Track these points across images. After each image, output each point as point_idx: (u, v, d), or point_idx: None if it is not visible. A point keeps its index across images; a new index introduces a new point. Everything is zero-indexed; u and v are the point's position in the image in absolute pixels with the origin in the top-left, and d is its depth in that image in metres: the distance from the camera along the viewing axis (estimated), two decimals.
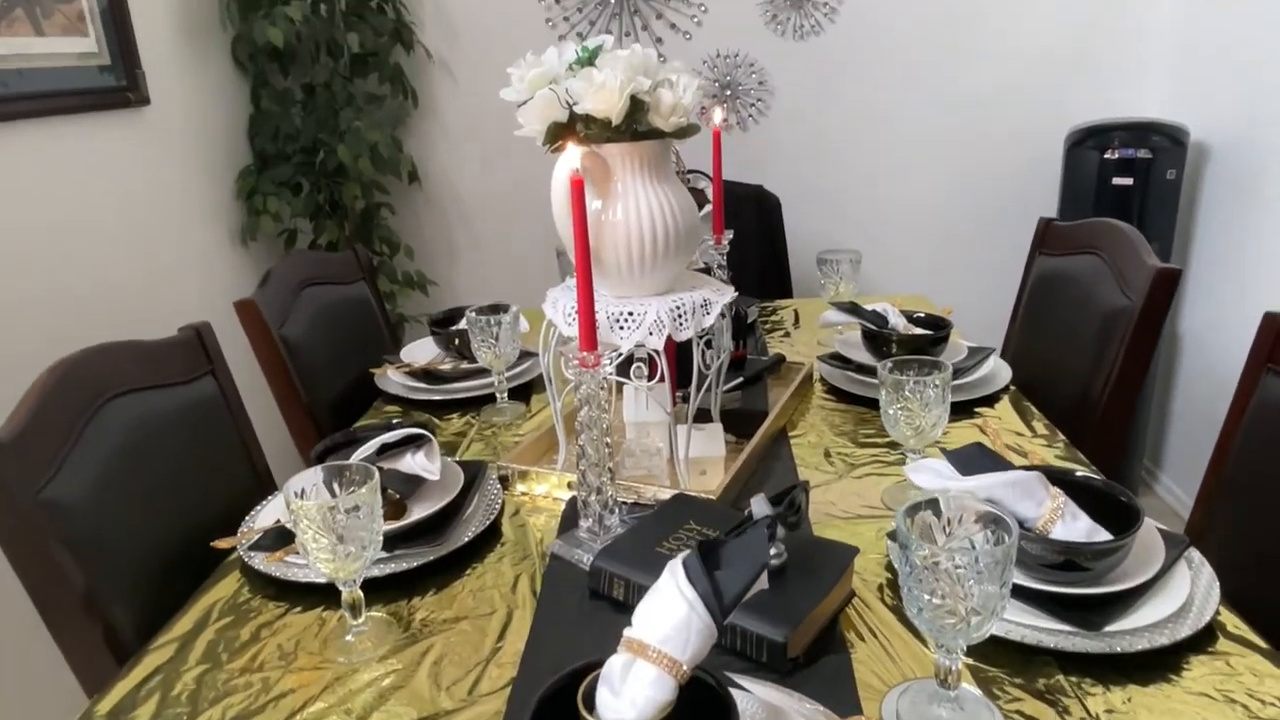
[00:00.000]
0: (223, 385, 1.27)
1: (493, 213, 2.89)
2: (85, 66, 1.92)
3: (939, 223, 2.83)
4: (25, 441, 0.91)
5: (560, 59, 1.11)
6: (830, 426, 1.38)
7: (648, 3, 2.67)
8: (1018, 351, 1.73)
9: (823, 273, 1.84)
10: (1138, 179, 2.39)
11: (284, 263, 1.64)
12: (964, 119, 2.73)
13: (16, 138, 1.73)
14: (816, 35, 2.68)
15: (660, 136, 1.09)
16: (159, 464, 1.11)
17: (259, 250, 2.61)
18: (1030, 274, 1.77)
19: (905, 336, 1.48)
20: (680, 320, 1.11)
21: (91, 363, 1.05)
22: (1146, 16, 2.59)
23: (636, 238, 1.08)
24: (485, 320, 1.42)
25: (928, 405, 1.08)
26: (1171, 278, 1.34)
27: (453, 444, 1.38)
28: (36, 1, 1.78)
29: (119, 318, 1.99)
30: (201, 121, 2.36)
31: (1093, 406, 1.45)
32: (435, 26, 2.72)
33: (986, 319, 2.42)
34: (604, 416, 1.00)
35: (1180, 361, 2.58)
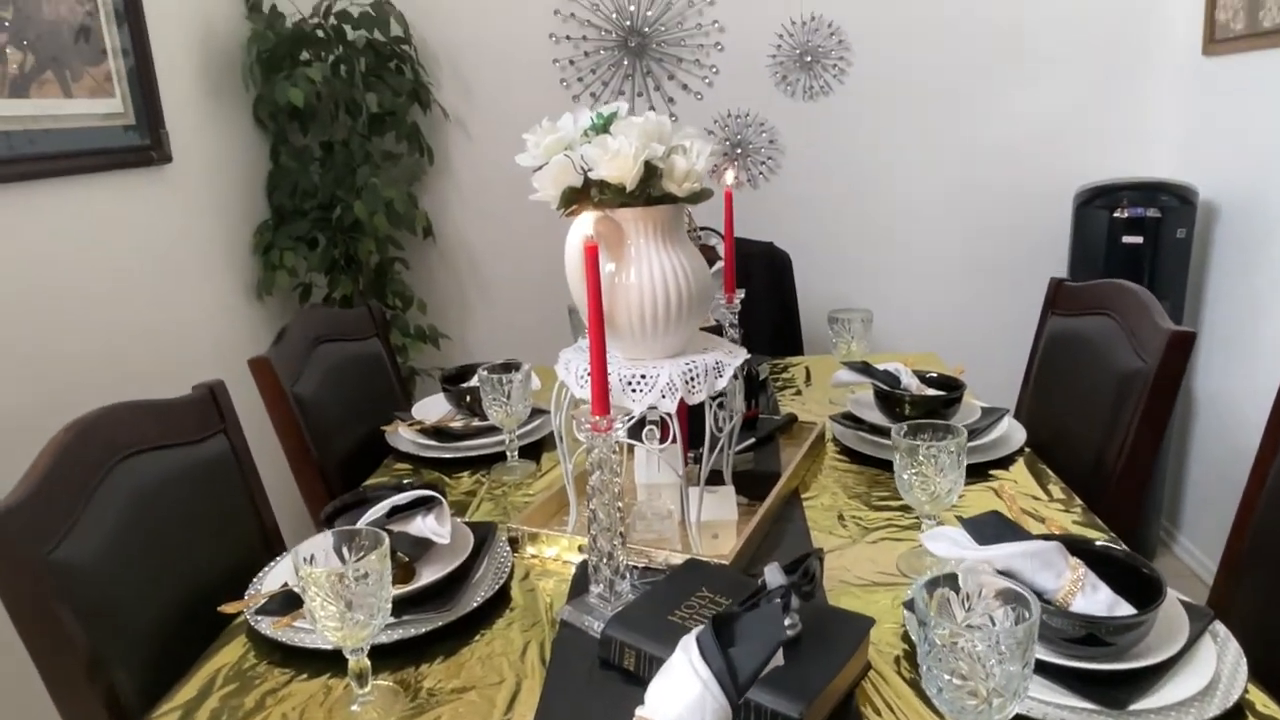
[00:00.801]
0: (234, 444, 1.27)
1: (505, 268, 2.91)
2: (110, 126, 1.96)
3: (949, 280, 2.84)
4: (38, 502, 0.90)
5: (575, 125, 1.13)
6: (843, 488, 1.36)
7: (660, 64, 2.73)
8: (1031, 412, 1.72)
9: (834, 331, 1.84)
10: (1147, 237, 2.40)
11: (299, 319, 1.65)
12: (973, 177, 2.75)
13: (42, 195, 1.77)
14: (826, 95, 2.73)
15: (674, 201, 1.10)
16: (169, 525, 1.10)
17: (274, 304, 2.63)
18: (1042, 334, 1.76)
19: (918, 397, 1.47)
20: (692, 383, 1.11)
21: (106, 422, 1.05)
22: (1153, 77, 2.63)
23: (649, 301, 1.09)
24: (497, 379, 1.43)
25: (943, 470, 1.07)
26: (1186, 341, 1.34)
27: (463, 503, 1.37)
28: (67, 64, 1.84)
29: (136, 370, 2.00)
30: (221, 178, 2.40)
31: (1109, 470, 1.44)
32: (452, 86, 2.78)
33: (998, 378, 2.41)
34: (616, 481, 0.99)
35: (1196, 420, 2.55)
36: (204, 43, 2.34)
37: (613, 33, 2.71)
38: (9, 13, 1.69)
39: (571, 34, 2.71)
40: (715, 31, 2.69)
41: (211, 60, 2.38)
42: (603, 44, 2.72)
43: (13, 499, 0.88)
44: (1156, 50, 2.61)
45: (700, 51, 2.71)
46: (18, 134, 1.69)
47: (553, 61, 2.73)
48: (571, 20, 2.70)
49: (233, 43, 2.47)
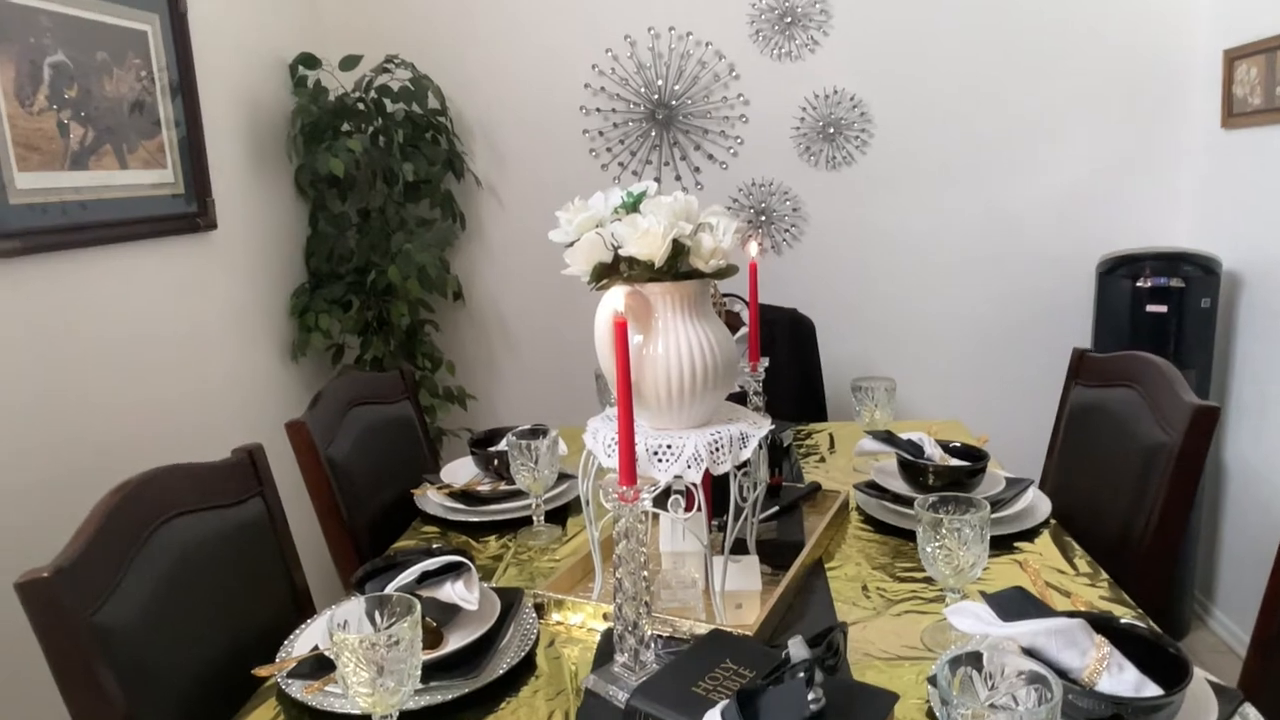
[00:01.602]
0: (270, 506, 1.31)
1: (532, 330, 2.97)
2: (161, 195, 2.05)
3: (973, 347, 2.85)
4: (85, 565, 0.94)
5: (606, 203, 1.18)
6: (867, 559, 1.37)
7: (687, 135, 2.81)
8: (1056, 484, 1.71)
9: (857, 399, 1.86)
10: (1172, 306, 2.40)
11: (334, 383, 1.70)
12: (995, 245, 2.79)
13: (95, 261, 1.85)
14: (849, 165, 2.79)
15: (700, 277, 1.14)
16: (206, 587, 1.13)
17: (308, 364, 2.70)
18: (1066, 404, 1.77)
19: (941, 468, 1.48)
20: (717, 454, 1.13)
21: (152, 486, 1.09)
22: (1173, 149, 2.67)
23: (676, 372, 1.12)
24: (525, 444, 1.45)
25: (966, 544, 1.08)
26: (1210, 416, 1.34)
27: (489, 568, 1.39)
28: (123, 137, 1.94)
29: (177, 427, 2.06)
30: (262, 243, 2.49)
31: (1136, 543, 1.43)
32: (485, 155, 2.88)
33: (1023, 446, 2.41)
34: (642, 550, 1.01)
35: (1227, 491, 2.52)
36: (251, 115, 2.46)
37: (641, 105, 2.80)
38: (74, 91, 1.79)
39: (601, 106, 2.80)
40: (740, 104, 2.78)
41: (257, 131, 2.48)
42: (631, 116, 2.81)
43: (63, 560, 0.92)
44: (1176, 123, 2.66)
45: (725, 123, 2.79)
46: (74, 204, 1.78)
47: (583, 132, 2.83)
48: (601, 93, 2.80)
49: (278, 115, 2.58)
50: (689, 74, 2.77)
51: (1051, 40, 2.65)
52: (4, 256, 1.61)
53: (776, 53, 2.74)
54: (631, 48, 2.77)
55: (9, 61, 1.63)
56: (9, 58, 1.63)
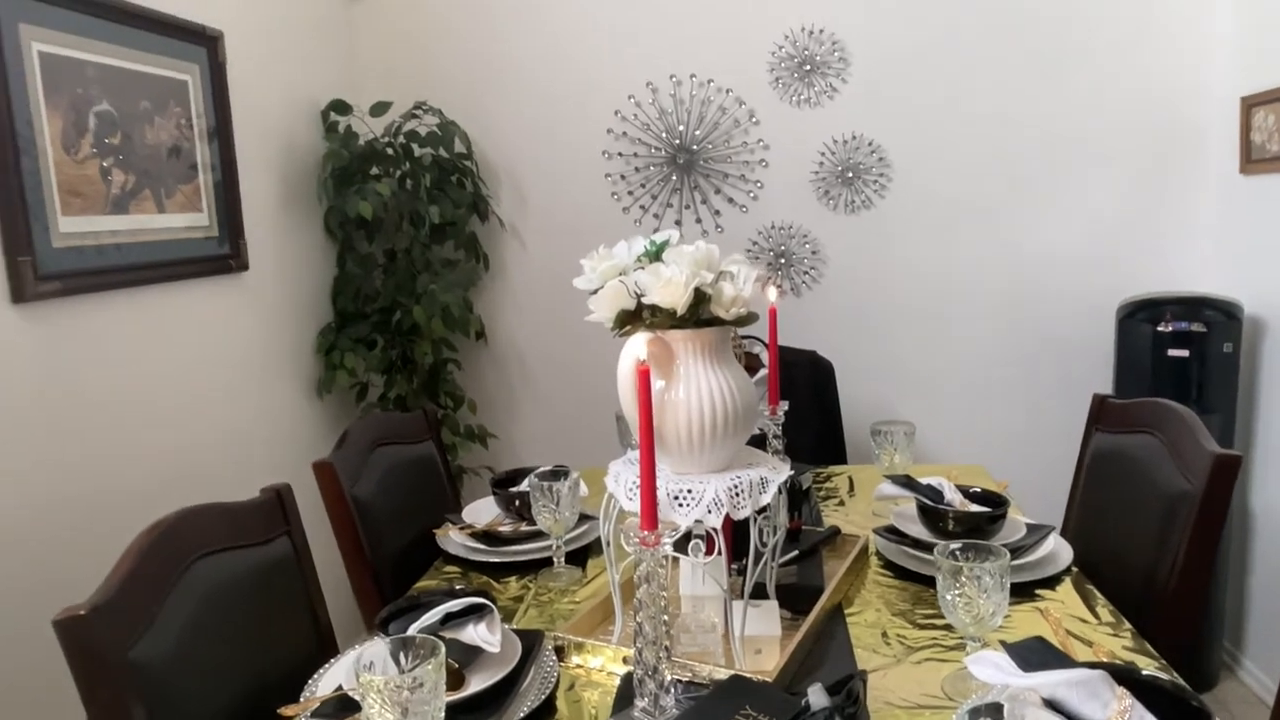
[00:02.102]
0: (296, 545, 1.33)
1: (553, 370, 3.00)
2: (195, 238, 2.12)
3: (993, 391, 2.85)
4: (120, 603, 0.96)
5: (630, 252, 1.21)
6: (887, 604, 1.37)
7: (707, 179, 2.86)
8: (1078, 530, 1.71)
9: (876, 443, 1.87)
10: (1194, 351, 2.40)
11: (359, 423, 1.73)
12: (1014, 289, 2.80)
13: (130, 302, 1.90)
14: (867, 209, 2.82)
15: (721, 324, 1.17)
16: (234, 625, 1.15)
17: (333, 401, 2.74)
18: (1087, 450, 1.77)
19: (961, 514, 1.48)
20: (738, 498, 1.15)
21: (186, 524, 1.12)
22: (1192, 194, 2.68)
23: (697, 418, 1.14)
24: (546, 486, 1.47)
25: (986, 592, 1.08)
26: (1232, 465, 1.34)
27: (510, 610, 1.40)
28: (162, 183, 2.00)
29: (204, 464, 2.10)
30: (291, 284, 2.55)
31: (1160, 592, 1.42)
32: (509, 198, 2.94)
33: (1043, 490, 2.39)
34: (663, 595, 1.02)
35: (1254, 538, 2.49)
36: (284, 159, 2.53)
37: (662, 150, 2.85)
38: (117, 138, 1.86)
39: (623, 151, 2.86)
40: (760, 149, 2.82)
41: (289, 175, 2.56)
42: (653, 160, 2.86)
43: (99, 598, 0.94)
44: (1195, 168, 2.67)
45: (745, 168, 2.84)
46: (111, 246, 1.84)
47: (605, 176, 2.88)
48: (624, 138, 2.86)
49: (310, 159, 2.66)
50: (710, 119, 2.82)
51: (1070, 86, 2.69)
52: (44, 298, 1.66)
53: (796, 99, 2.79)
54: (653, 94, 2.83)
55: (58, 112, 1.70)
56: (58, 108, 1.70)
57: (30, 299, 1.62)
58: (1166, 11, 2.62)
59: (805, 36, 2.75)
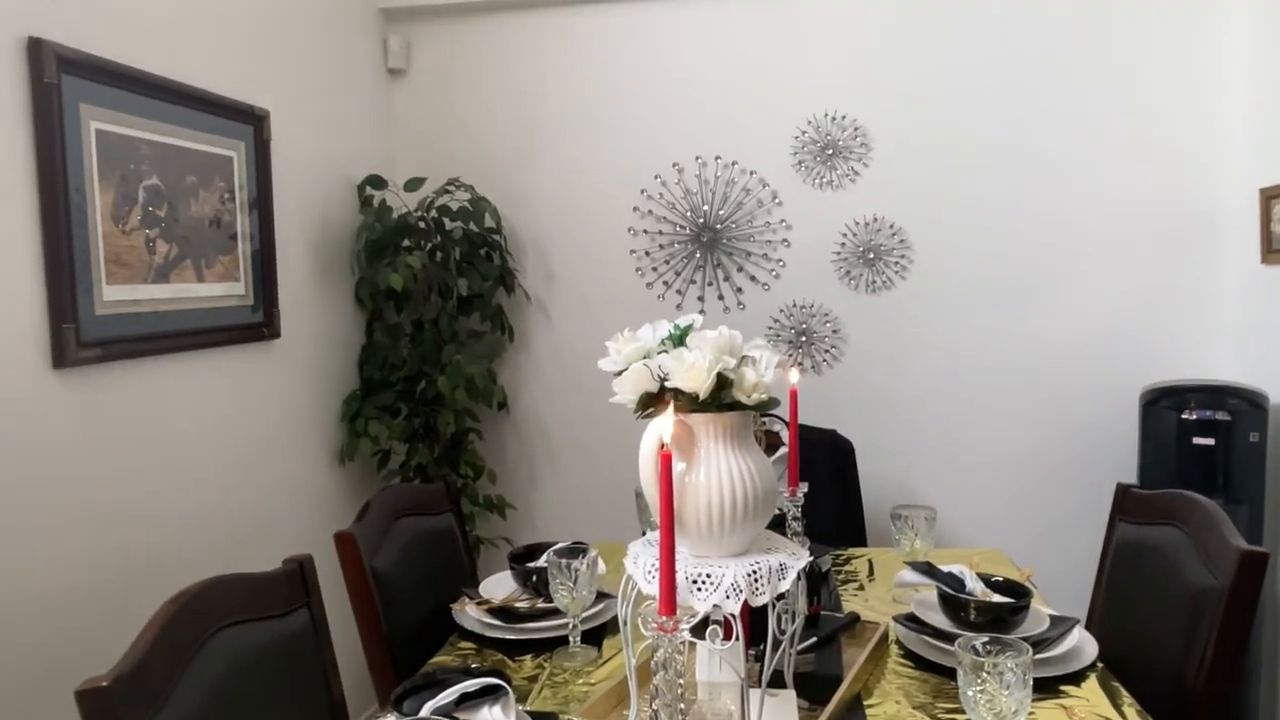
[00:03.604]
0: (315, 617, 1.34)
1: (574, 443, 3.01)
2: (230, 306, 2.18)
3: (1015, 474, 2.82)
4: (142, 673, 0.97)
5: (654, 335, 1.24)
6: (907, 696, 1.34)
7: (730, 257, 2.91)
8: (1103, 623, 1.67)
9: (896, 528, 1.85)
10: (1219, 440, 2.37)
11: (382, 494, 1.75)
12: (1037, 373, 2.80)
13: (166, 368, 1.95)
14: (888, 289, 2.85)
15: (742, 409, 1.18)
16: (251, 697, 1.15)
17: (355, 469, 2.76)
18: (1111, 541, 1.74)
19: (984, 604, 1.46)
20: (757, 584, 1.14)
21: (209, 595, 1.13)
22: (1214, 282, 2.69)
23: (717, 502, 1.14)
24: (564, 563, 1.47)
25: (1008, 688, 1.06)
26: (1259, 562, 1.32)
27: (524, 690, 1.39)
28: (203, 253, 2.07)
29: (229, 530, 2.13)
30: (320, 352, 2.60)
31: (1188, 690, 1.38)
32: (535, 271, 3.00)
33: (1067, 579, 2.36)
34: (680, 682, 1.01)
35: None
36: (320, 230, 2.61)
37: (686, 228, 2.92)
38: (163, 211, 1.93)
39: (649, 228, 2.93)
40: (782, 229, 2.88)
41: (324, 246, 2.64)
42: (677, 238, 2.92)
43: (122, 669, 0.95)
44: (1216, 257, 2.69)
45: (768, 246, 2.89)
46: (151, 314, 1.90)
47: (629, 252, 2.94)
48: (649, 216, 2.93)
49: (344, 231, 2.74)
50: (733, 200, 2.89)
51: (1090, 175, 2.73)
52: (85, 364, 1.71)
53: (818, 181, 2.85)
54: (679, 174, 2.91)
55: (110, 185, 1.78)
56: (110, 182, 1.78)
57: (71, 364, 1.67)
58: (1184, 104, 2.67)
59: (828, 122, 2.83)
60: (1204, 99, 2.67)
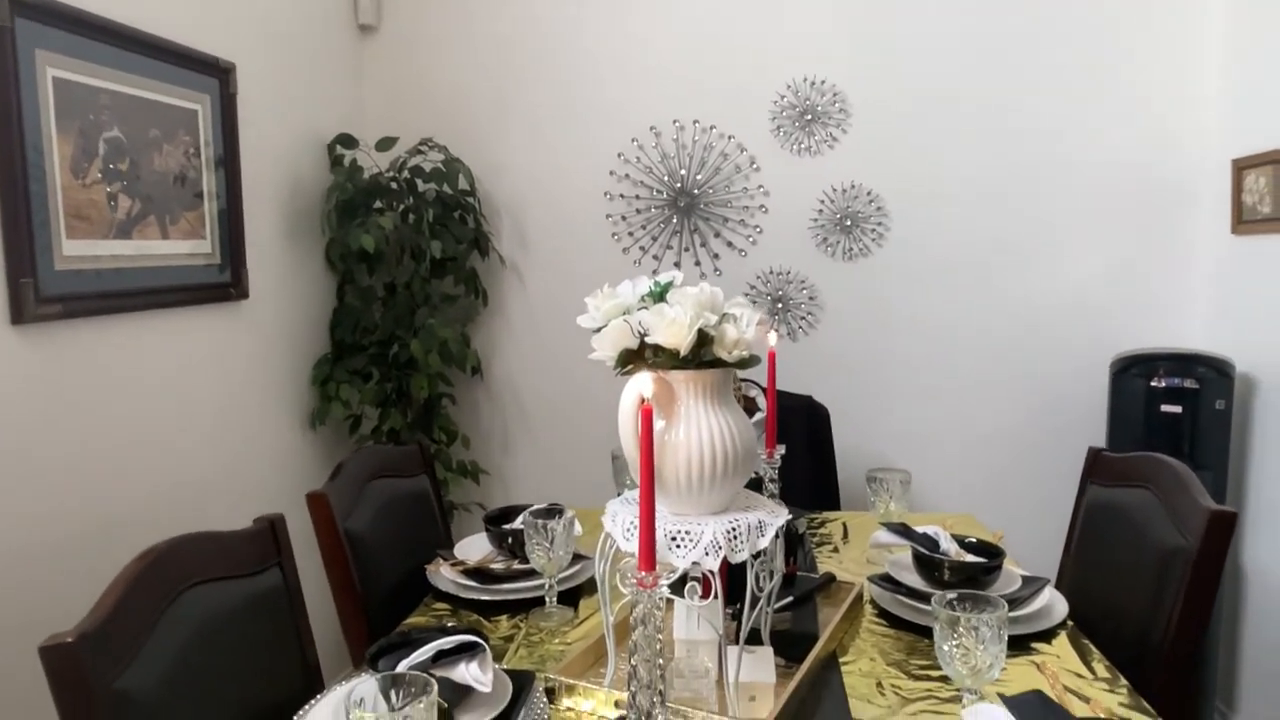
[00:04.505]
0: (287, 576, 1.31)
1: (548, 407, 3.00)
2: (196, 265, 2.12)
3: (987, 440, 2.85)
4: (108, 631, 0.95)
5: (634, 292, 1.22)
6: (882, 654, 1.35)
7: (707, 222, 2.89)
8: (1073, 584, 1.70)
9: (872, 490, 1.86)
10: (1186, 407, 2.41)
11: (355, 456, 1.72)
12: (1010, 341, 2.82)
13: (129, 327, 1.90)
14: (865, 257, 2.85)
15: (723, 366, 1.17)
16: (221, 657, 1.13)
17: (326, 433, 2.73)
18: (1082, 503, 1.77)
19: (957, 563, 1.48)
20: (736, 541, 1.14)
21: (177, 552, 1.11)
22: (1185, 252, 2.72)
23: (697, 459, 1.14)
24: (541, 524, 1.46)
25: (984, 643, 1.07)
26: (1227, 521, 1.34)
27: (500, 649, 1.39)
28: (167, 209, 2.01)
29: (196, 492, 2.09)
30: (290, 314, 2.55)
31: (1155, 648, 1.41)
32: (510, 235, 2.96)
33: (1037, 542, 2.39)
34: (658, 637, 1.01)
35: (1247, 596, 2.48)
36: (289, 190, 2.55)
37: (664, 193, 2.89)
38: (125, 165, 1.87)
39: (625, 193, 2.89)
40: (760, 195, 2.86)
41: (293, 206, 2.57)
42: (654, 203, 2.89)
43: (88, 626, 0.93)
44: (1188, 228, 2.71)
45: (745, 213, 2.87)
46: (112, 272, 1.84)
47: (605, 216, 2.91)
48: (626, 180, 2.89)
49: (314, 191, 2.68)
50: (711, 165, 2.86)
51: (1066, 145, 2.73)
52: (44, 320, 1.66)
53: (796, 147, 2.83)
54: (656, 138, 2.87)
55: (69, 137, 1.71)
56: (69, 133, 1.71)
57: (30, 320, 1.62)
58: (1159, 75, 2.68)
59: (807, 87, 2.80)
60: (1178, 70, 2.68)
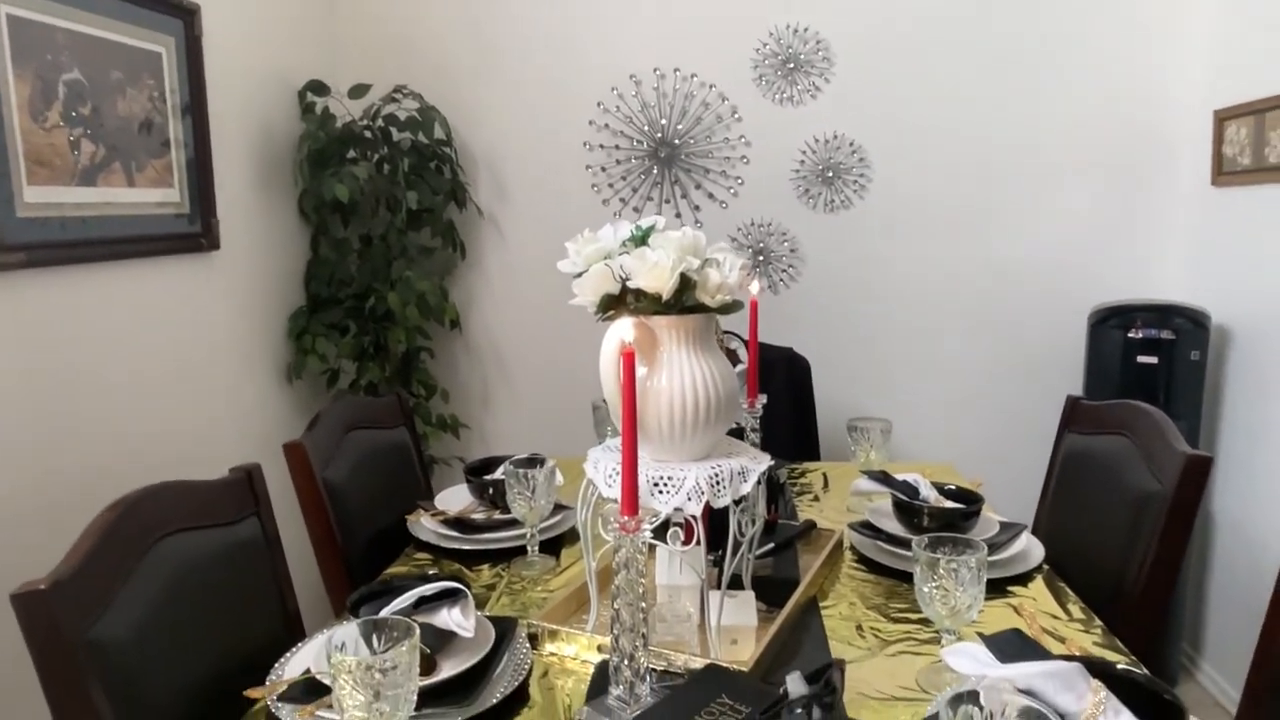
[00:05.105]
0: (265, 527, 1.30)
1: (528, 361, 2.98)
2: (165, 214, 2.07)
3: (966, 391, 2.87)
4: (81, 579, 0.93)
5: (615, 236, 1.20)
6: (861, 598, 1.37)
7: (688, 174, 2.85)
8: (1049, 529, 1.72)
9: (853, 439, 1.87)
10: (1162, 358, 2.44)
11: (332, 406, 1.70)
12: (989, 292, 2.82)
13: (97, 277, 1.85)
14: (846, 209, 2.83)
15: (706, 311, 1.16)
16: (199, 606, 1.12)
17: (303, 387, 2.69)
18: (1059, 451, 1.78)
19: (937, 509, 1.49)
20: (718, 486, 1.14)
21: (150, 502, 1.09)
22: (1164, 204, 2.72)
23: (679, 405, 1.13)
24: (522, 473, 1.45)
25: (963, 585, 1.08)
26: (1203, 466, 1.36)
27: (482, 597, 1.39)
28: (132, 156, 1.95)
29: (170, 446, 2.05)
30: (263, 266, 2.50)
31: (1128, 591, 1.43)
32: (488, 186, 2.91)
33: (1015, 490, 2.42)
34: (641, 581, 1.01)
35: (1215, 542, 2.53)
36: (259, 138, 2.48)
37: (644, 143, 2.84)
38: (86, 109, 1.81)
39: (605, 143, 2.85)
40: (741, 145, 2.82)
41: (264, 155, 2.51)
42: (634, 153, 2.85)
43: (60, 574, 0.91)
44: (1168, 179, 2.71)
45: (727, 164, 2.84)
46: (76, 220, 1.78)
47: (585, 167, 2.86)
48: (605, 130, 2.84)
49: (286, 139, 2.61)
50: (692, 114, 2.82)
51: (1047, 96, 2.72)
52: (8, 269, 1.61)
53: (779, 97, 2.79)
54: (637, 87, 2.82)
55: (25, 78, 1.64)
56: (25, 74, 1.64)
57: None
58: (1141, 25, 2.66)
59: (790, 34, 2.75)
60: (1160, 20, 2.65)
